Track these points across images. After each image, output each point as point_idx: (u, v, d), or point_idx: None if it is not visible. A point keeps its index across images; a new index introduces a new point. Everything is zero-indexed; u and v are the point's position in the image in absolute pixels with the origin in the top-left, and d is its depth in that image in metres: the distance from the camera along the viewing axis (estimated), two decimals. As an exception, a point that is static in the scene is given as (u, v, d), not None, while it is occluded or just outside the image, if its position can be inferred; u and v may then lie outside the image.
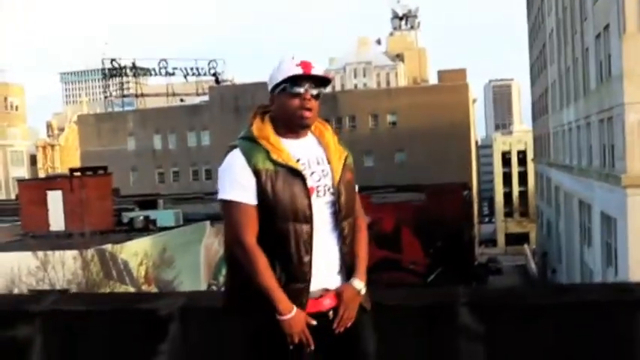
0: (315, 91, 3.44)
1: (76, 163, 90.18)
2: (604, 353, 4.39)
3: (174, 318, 4.87)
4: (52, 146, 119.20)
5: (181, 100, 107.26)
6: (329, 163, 3.50)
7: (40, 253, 30.89)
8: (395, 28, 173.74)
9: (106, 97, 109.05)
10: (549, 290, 5.82)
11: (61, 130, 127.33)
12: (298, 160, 3.42)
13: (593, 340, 4.41)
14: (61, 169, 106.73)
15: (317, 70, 3.43)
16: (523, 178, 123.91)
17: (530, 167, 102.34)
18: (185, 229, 41.75)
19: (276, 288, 3.30)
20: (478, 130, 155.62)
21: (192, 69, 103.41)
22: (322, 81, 3.48)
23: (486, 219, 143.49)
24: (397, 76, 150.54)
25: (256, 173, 3.34)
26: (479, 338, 4.53)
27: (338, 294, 3.47)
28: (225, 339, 4.74)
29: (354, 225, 3.56)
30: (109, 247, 33.44)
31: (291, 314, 3.30)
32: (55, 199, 43.59)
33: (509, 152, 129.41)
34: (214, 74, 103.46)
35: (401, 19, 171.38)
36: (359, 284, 3.51)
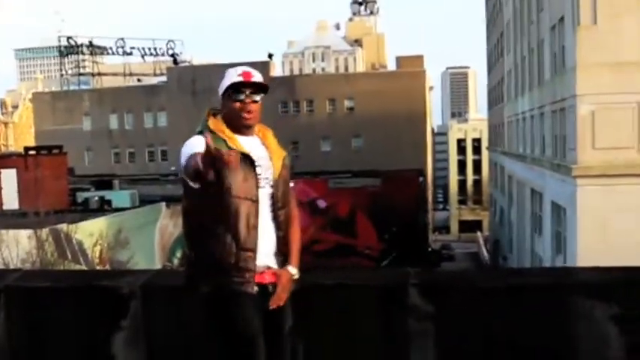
0: (255, 97, 4.06)
1: (31, 142, 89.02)
2: (546, 332, 4.64)
3: (135, 295, 5.04)
4: (6, 124, 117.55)
5: (138, 80, 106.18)
6: (270, 160, 4.05)
7: (-6, 232, 30.63)
8: (354, 13, 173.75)
9: (61, 75, 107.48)
10: (497, 273, 6.08)
11: (15, 107, 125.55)
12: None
13: (537, 320, 4.67)
14: (15, 147, 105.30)
15: (256, 78, 4.06)
16: (478, 166, 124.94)
17: (485, 155, 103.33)
18: (140, 210, 41.62)
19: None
20: (434, 118, 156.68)
21: (150, 49, 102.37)
22: (261, 88, 4.09)
23: (440, 206, 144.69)
24: (355, 61, 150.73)
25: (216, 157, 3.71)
26: (429, 318, 4.76)
27: (277, 275, 4.01)
28: (185, 317, 4.93)
29: (289, 215, 4.12)
30: (63, 226, 33.22)
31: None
32: (9, 177, 43.12)
33: (464, 140, 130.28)
34: (172, 55, 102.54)
35: (360, 4, 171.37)
36: (293, 270, 4.06)
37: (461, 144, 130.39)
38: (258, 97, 4.08)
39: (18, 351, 5.29)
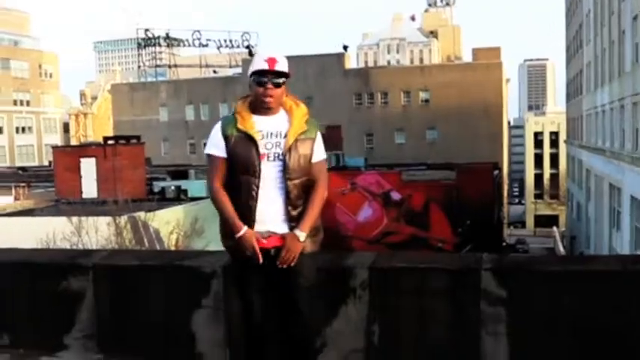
0: (277, 81, 4.40)
1: (109, 132, 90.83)
2: (616, 317, 4.65)
3: (217, 275, 5.23)
4: (85, 115, 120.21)
5: (214, 72, 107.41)
6: (286, 136, 4.40)
7: (75, 219, 31.38)
8: (430, 5, 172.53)
9: (139, 67, 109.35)
10: (570, 259, 6.08)
11: (94, 98, 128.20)
12: (260, 132, 4.40)
13: (608, 305, 4.68)
14: (94, 137, 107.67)
15: (279, 65, 4.40)
16: (555, 159, 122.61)
17: (563, 149, 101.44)
18: (216, 200, 42.03)
19: (232, 216, 4.33)
20: (511, 110, 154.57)
21: (225, 41, 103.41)
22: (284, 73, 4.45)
23: (516, 200, 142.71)
24: (431, 53, 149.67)
25: (225, 137, 4.40)
26: (501, 303, 4.81)
27: (282, 237, 4.38)
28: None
29: (303, 187, 4.43)
30: (141, 214, 33.84)
31: (243, 231, 4.30)
32: (88, 166, 44.04)
33: (541, 133, 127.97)
34: (247, 47, 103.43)
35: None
36: (300, 233, 4.37)
37: (538, 137, 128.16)
38: (280, 82, 4.43)
39: (104, 325, 5.54)
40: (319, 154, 4.54)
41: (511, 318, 4.80)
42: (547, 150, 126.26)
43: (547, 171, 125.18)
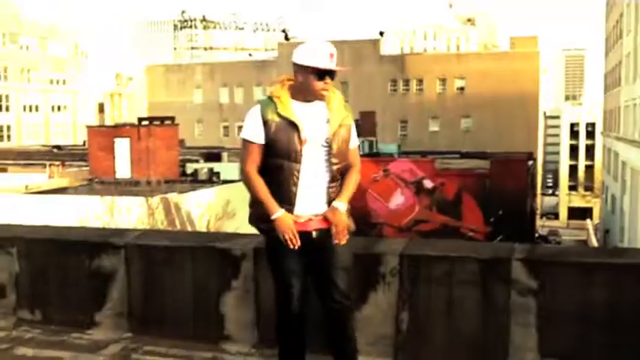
0: (334, 75, 4.44)
1: (143, 113, 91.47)
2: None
3: (247, 258, 5.25)
4: (120, 95, 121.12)
5: (249, 55, 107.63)
6: (328, 122, 4.45)
7: (108, 198, 31.69)
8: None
9: (175, 49, 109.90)
10: (602, 251, 6.03)
11: (130, 79, 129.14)
12: (302, 118, 4.41)
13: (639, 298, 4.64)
14: (128, 117, 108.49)
15: (337, 61, 4.44)
16: (590, 151, 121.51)
17: (599, 140, 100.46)
18: (248, 183, 42.14)
19: (269, 198, 4.37)
20: (547, 100, 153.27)
21: (261, 24, 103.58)
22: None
23: (549, 191, 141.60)
24: (467, 40, 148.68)
25: (265, 122, 4.40)
26: (531, 293, 4.79)
27: (325, 217, 4.44)
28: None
29: (344, 169, 4.53)
30: (173, 196, 34.08)
31: (279, 214, 4.34)
32: (122, 146, 44.33)
33: (577, 124, 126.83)
34: (283, 30, 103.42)
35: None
36: (339, 204, 4.44)
37: (574, 128, 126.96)
38: (334, 78, 4.47)
39: (134, 304, 5.60)
40: (355, 139, 4.63)
41: (541, 309, 4.79)
42: (583, 141, 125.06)
43: (582, 162, 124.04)
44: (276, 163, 4.40)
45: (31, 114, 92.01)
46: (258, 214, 4.48)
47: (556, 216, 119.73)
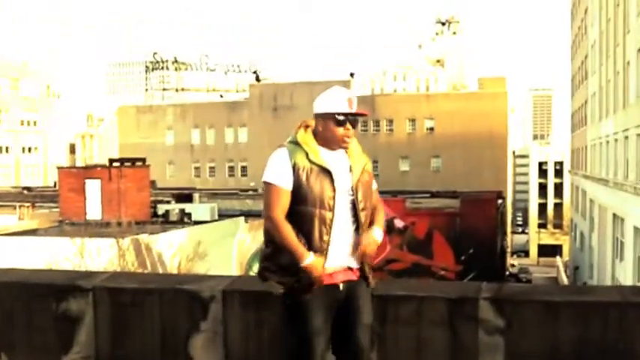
0: (355, 121, 4.37)
1: (115, 154, 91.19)
2: (615, 349, 4.66)
3: (215, 299, 5.25)
4: (92, 136, 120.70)
5: (221, 96, 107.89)
6: (351, 170, 4.35)
7: (78, 240, 31.46)
8: (437, 33, 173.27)
9: (146, 90, 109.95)
10: (568, 289, 6.10)
11: (101, 120, 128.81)
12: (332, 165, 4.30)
13: (606, 337, 4.69)
14: (100, 159, 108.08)
15: (356, 106, 4.36)
16: (559, 189, 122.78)
17: (567, 179, 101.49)
18: (219, 224, 42.13)
19: (299, 245, 4.16)
20: (516, 140, 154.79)
21: (232, 65, 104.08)
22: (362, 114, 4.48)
23: (519, 229, 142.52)
24: (437, 81, 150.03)
25: (295, 168, 4.22)
26: (499, 332, 4.82)
27: (350, 268, 4.34)
28: (264, 321, 5.12)
29: (370, 214, 4.44)
30: (144, 237, 33.91)
31: (310, 259, 4.14)
32: (93, 187, 44.16)
33: (545, 163, 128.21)
34: (255, 72, 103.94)
35: (443, 24, 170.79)
36: (376, 230, 4.42)
37: (542, 167, 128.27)
38: (355, 125, 4.39)
39: (102, 347, 5.56)
40: (374, 182, 4.58)
41: (509, 347, 4.81)
42: (551, 180, 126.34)
43: (551, 201, 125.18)
44: (305, 212, 4.21)
45: (1, 155, 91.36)
46: (281, 265, 4.25)
47: (526, 254, 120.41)
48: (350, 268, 4.34)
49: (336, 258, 4.27)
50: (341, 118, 4.30)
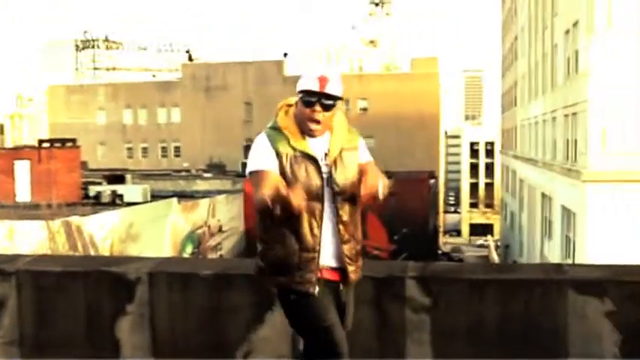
0: (327, 102, 3.89)
1: (45, 135, 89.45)
2: (538, 326, 4.76)
3: (141, 281, 5.20)
4: (21, 116, 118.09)
5: (153, 76, 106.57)
6: (326, 156, 3.93)
7: (7, 222, 30.88)
8: (370, 14, 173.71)
9: (77, 69, 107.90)
10: (493, 267, 6.21)
11: (30, 100, 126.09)
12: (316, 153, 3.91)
13: (530, 313, 4.79)
14: (29, 139, 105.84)
15: (331, 86, 3.90)
16: (490, 169, 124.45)
17: (498, 159, 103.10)
18: (152, 205, 41.76)
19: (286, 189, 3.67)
20: (448, 120, 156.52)
21: (165, 44, 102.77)
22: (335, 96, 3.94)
23: (452, 209, 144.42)
24: (370, 62, 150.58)
25: (278, 155, 3.85)
26: (425, 309, 4.88)
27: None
28: (191, 302, 5.09)
29: (353, 211, 4.04)
30: (75, 219, 33.43)
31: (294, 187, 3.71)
32: (22, 169, 43.39)
33: (477, 143, 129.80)
34: (187, 51, 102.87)
35: (377, 4, 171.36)
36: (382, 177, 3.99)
37: (474, 147, 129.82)
38: (330, 104, 3.93)
39: (26, 331, 5.46)
40: (367, 156, 4.18)
41: (435, 325, 4.88)
42: (482, 160, 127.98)
43: (482, 180, 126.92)
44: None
45: None
46: (274, 264, 3.94)
47: (458, 233, 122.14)
48: (334, 269, 3.99)
49: (328, 253, 3.95)
50: (307, 98, 3.86)
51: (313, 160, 3.87)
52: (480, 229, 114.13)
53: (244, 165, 60.32)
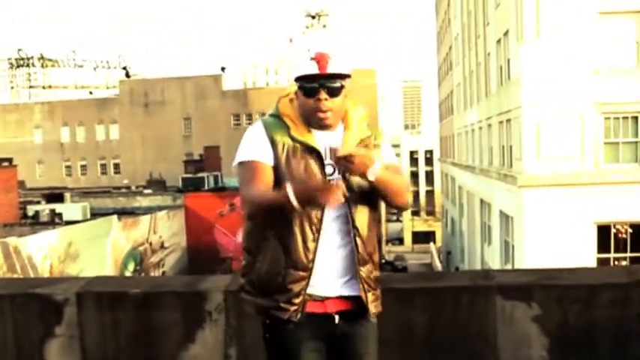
0: (333, 85, 3.18)
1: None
2: (466, 333, 4.84)
3: (69, 302, 5.14)
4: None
5: (90, 93, 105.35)
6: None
7: (-60, 246, 30.22)
8: (307, 27, 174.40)
9: (12, 88, 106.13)
10: (422, 275, 6.29)
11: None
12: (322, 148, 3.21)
13: (458, 320, 4.86)
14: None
15: (334, 64, 3.15)
16: (430, 177, 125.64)
17: (437, 167, 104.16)
18: (91, 224, 41.25)
19: (275, 194, 3.02)
20: (387, 129, 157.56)
21: (102, 61, 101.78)
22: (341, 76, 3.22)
23: (394, 217, 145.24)
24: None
25: (273, 144, 3.19)
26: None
27: (350, 300, 3.30)
28: (121, 322, 5.06)
29: (372, 223, 3.41)
30: (13, 240, 32.87)
31: (289, 189, 2.94)
32: (-44, 190, 42.50)
33: (416, 152, 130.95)
34: (124, 67, 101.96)
35: (313, 17, 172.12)
36: (378, 164, 3.13)
37: (413, 155, 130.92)
38: (338, 87, 3.19)
39: (-47, 359, 5.37)
40: (391, 158, 3.45)
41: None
42: (422, 168, 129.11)
43: (423, 188, 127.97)
44: (287, 213, 3.04)
45: None
46: (257, 282, 3.24)
47: (401, 241, 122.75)
48: (343, 298, 3.29)
49: (326, 276, 3.23)
50: (308, 85, 3.15)
51: (316, 154, 3.17)
52: (423, 237, 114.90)
53: (184, 180, 59.79)
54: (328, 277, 3.21)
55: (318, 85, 3.13)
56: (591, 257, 25.82)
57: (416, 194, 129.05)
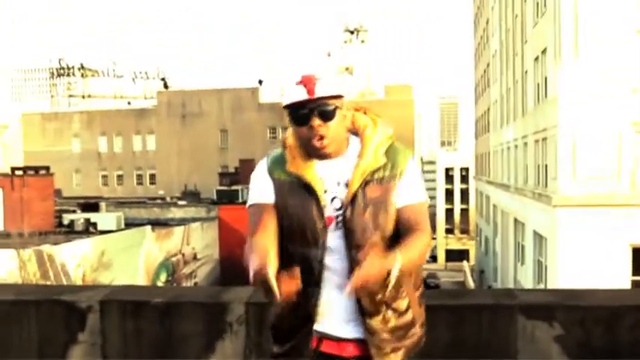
0: (325, 109, 2.88)
1: (20, 163, 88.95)
2: (489, 349, 4.82)
3: (93, 309, 5.20)
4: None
5: (128, 103, 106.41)
6: (347, 185, 2.91)
7: (-23, 252, 30.63)
8: (345, 42, 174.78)
9: (52, 97, 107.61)
10: (444, 293, 6.26)
11: (5, 127, 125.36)
12: (322, 179, 2.93)
13: (480, 339, 4.84)
14: (4, 167, 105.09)
15: (322, 86, 2.86)
16: (465, 195, 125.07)
17: (472, 184, 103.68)
18: (125, 233, 41.58)
19: (265, 252, 2.63)
20: (423, 146, 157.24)
21: (140, 72, 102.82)
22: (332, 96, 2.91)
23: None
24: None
25: (273, 180, 2.98)
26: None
27: (363, 344, 2.95)
28: (143, 332, 5.10)
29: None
30: (47, 247, 33.23)
31: (265, 267, 2.54)
32: (-6, 197, 43.12)
33: (452, 169, 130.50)
34: (163, 79, 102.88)
35: (352, 32, 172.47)
36: (394, 261, 2.62)
37: (449, 173, 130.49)
38: (329, 110, 2.88)
39: (-22, 362, 5.44)
40: (410, 195, 2.99)
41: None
42: (457, 185, 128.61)
43: (457, 206, 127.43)
44: (286, 249, 2.82)
45: None
46: (272, 325, 3.07)
47: (434, 259, 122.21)
48: (347, 340, 2.96)
49: (332, 321, 2.95)
50: (297, 114, 2.87)
51: (308, 189, 2.88)
52: (456, 255, 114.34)
53: (219, 192, 60.10)
54: (336, 316, 2.93)
55: (308, 111, 2.83)
56: (625, 280, 25.48)
57: (450, 212, 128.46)
